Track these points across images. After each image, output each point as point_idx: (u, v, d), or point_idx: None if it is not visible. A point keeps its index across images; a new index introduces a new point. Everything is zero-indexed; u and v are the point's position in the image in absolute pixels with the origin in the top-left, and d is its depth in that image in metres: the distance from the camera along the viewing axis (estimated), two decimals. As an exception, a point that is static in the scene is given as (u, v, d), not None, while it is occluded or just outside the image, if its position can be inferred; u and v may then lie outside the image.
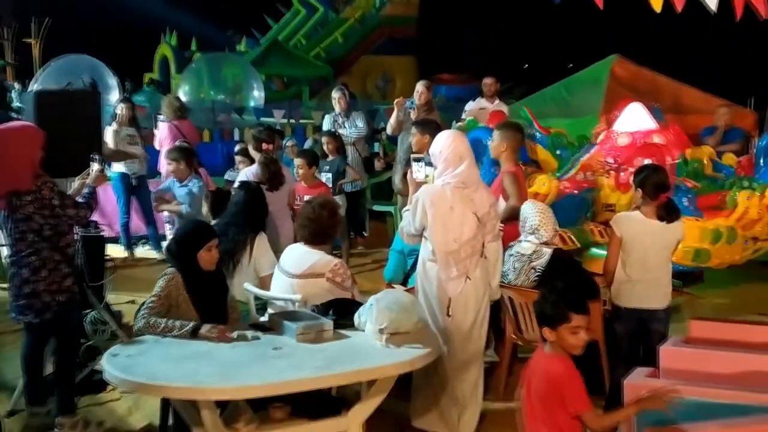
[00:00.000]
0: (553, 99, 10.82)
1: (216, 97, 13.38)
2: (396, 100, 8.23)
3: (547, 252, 4.76)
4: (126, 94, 11.18)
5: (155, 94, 14.48)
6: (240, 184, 5.71)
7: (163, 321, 3.65)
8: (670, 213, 4.34)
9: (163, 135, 9.06)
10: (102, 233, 5.44)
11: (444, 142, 4.25)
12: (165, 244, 6.62)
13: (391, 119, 8.14)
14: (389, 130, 8.31)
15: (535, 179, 6.74)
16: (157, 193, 6.85)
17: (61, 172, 4.58)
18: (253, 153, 6.89)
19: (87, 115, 4.96)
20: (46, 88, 10.11)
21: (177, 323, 3.63)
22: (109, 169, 7.99)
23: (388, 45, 19.05)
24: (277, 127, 11.10)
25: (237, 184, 5.81)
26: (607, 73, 10.55)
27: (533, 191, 6.46)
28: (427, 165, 4.62)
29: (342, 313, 3.88)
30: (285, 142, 8.87)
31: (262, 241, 4.90)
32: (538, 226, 4.79)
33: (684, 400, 3.04)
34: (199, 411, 3.26)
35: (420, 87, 8.11)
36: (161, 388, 3.30)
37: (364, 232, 9.16)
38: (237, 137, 12.01)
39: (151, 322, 3.66)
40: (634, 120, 7.63)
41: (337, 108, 8.91)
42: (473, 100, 9.31)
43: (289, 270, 4.33)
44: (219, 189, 6.29)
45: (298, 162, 6.76)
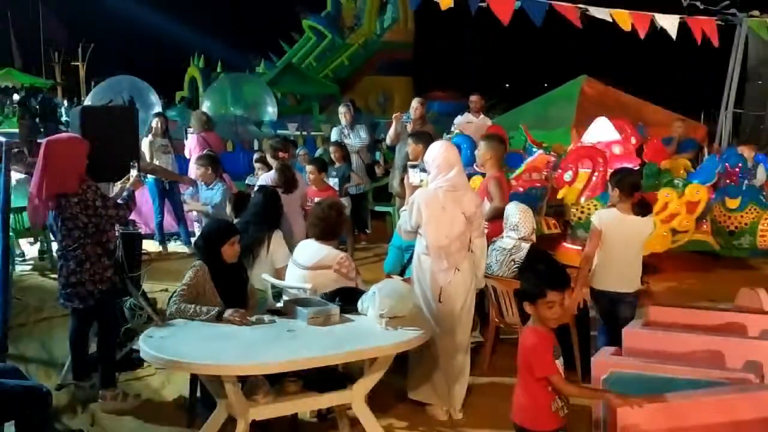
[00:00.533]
0: (530, 114, 10.82)
1: (237, 112, 13.37)
2: (394, 115, 8.21)
3: (525, 246, 4.78)
4: (160, 109, 11.17)
5: (185, 110, 14.47)
6: (259, 187, 5.70)
7: (192, 307, 3.65)
8: (644, 209, 4.38)
9: (192, 145, 9.05)
10: (139, 230, 5.46)
11: (436, 151, 4.24)
12: (193, 240, 6.63)
13: (390, 131, 8.12)
14: (388, 141, 8.29)
15: None
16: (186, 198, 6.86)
17: (103, 177, 4.56)
18: (270, 161, 6.88)
19: (125, 128, 4.94)
20: (90, 104, 10.11)
21: (204, 309, 3.63)
22: (145, 175, 8.00)
23: (387, 67, 19.07)
24: (291, 138, 11.09)
25: (256, 188, 5.81)
26: (578, 92, 10.56)
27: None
28: (421, 171, 4.61)
29: (347, 300, 3.86)
30: (298, 151, 8.83)
31: (277, 238, 4.89)
32: (518, 223, 4.81)
33: (644, 376, 3.04)
34: (223, 385, 3.27)
35: (415, 103, 8.08)
36: (190, 365, 3.31)
37: (366, 230, 9.16)
38: (256, 147, 11.98)
39: (181, 307, 3.66)
40: (600, 132, 7.64)
41: (343, 121, 8.90)
42: (461, 115, 9.27)
43: (301, 262, 4.33)
44: (240, 192, 6.29)
45: (309, 168, 6.76)
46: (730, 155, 7.84)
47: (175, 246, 8.66)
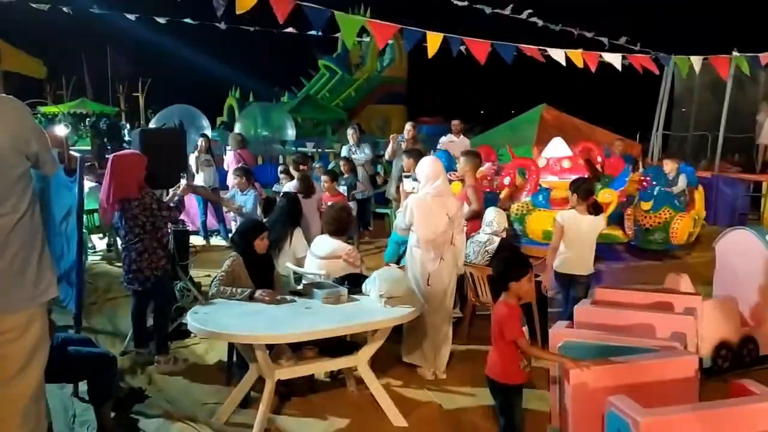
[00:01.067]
0: (501, 134, 10.82)
1: (264, 133, 13.36)
2: (391, 136, 8.24)
3: (497, 240, 4.78)
4: (209, 131, 11.19)
5: (224, 132, 14.46)
6: (283, 194, 5.69)
7: (229, 289, 3.64)
8: (596, 209, 4.38)
9: (229, 160, 9.06)
10: (187, 228, 5.43)
11: (425, 165, 4.24)
12: (230, 236, 6.62)
13: (388, 149, 8.12)
14: (387, 156, 8.28)
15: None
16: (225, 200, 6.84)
17: (159, 185, 4.57)
18: (293, 172, 6.88)
19: (176, 146, 4.95)
20: (148, 127, 10.09)
21: (238, 290, 3.63)
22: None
23: (386, 97, 19.09)
24: (309, 154, 11.09)
25: (281, 194, 5.80)
26: (539, 117, 10.56)
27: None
28: (413, 180, 4.61)
29: (354, 283, 3.87)
30: (315, 165, 8.82)
31: (298, 233, 4.89)
32: (493, 221, 4.84)
33: (592, 344, 3.04)
34: (255, 351, 3.27)
35: (408, 126, 8.09)
36: (228, 335, 3.31)
37: (369, 227, 9.14)
38: (281, 161, 11.99)
39: (221, 289, 3.65)
40: (556, 149, 7.64)
41: (351, 141, 8.89)
42: (445, 136, 9.27)
43: (317, 253, 4.32)
44: (268, 197, 6.28)
45: (324, 178, 6.75)
46: (649, 169, 7.78)
47: (216, 240, 8.64)
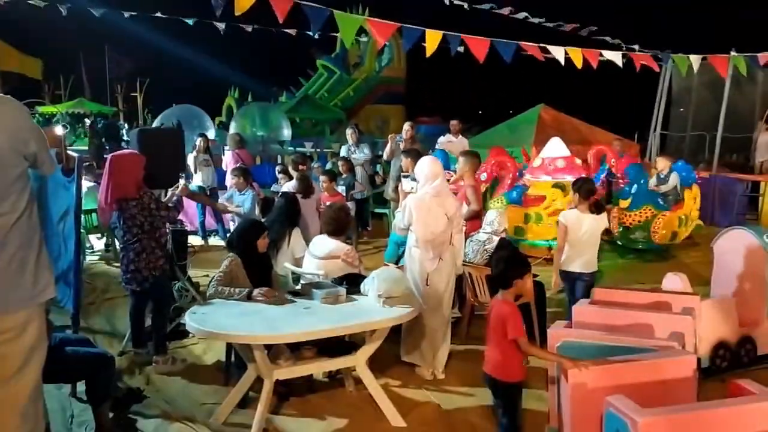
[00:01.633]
0: (499, 134, 10.85)
1: (259, 133, 13.33)
2: (390, 136, 8.24)
3: (496, 239, 4.78)
4: (214, 131, 11.16)
5: (222, 132, 14.43)
6: (281, 194, 5.68)
7: (227, 289, 3.63)
8: (598, 208, 4.40)
9: (228, 159, 9.06)
10: (185, 228, 5.43)
11: (424, 165, 4.23)
12: (228, 239, 6.59)
13: (387, 149, 8.11)
14: (385, 156, 8.28)
15: None
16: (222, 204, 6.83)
17: (157, 185, 4.56)
18: (291, 172, 6.87)
19: (174, 146, 4.94)
20: (146, 127, 10.07)
21: (236, 290, 3.62)
22: (191, 182, 7.99)
23: (384, 97, 19.09)
24: (308, 154, 11.07)
25: (279, 194, 5.79)
26: (537, 117, 10.58)
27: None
28: (412, 180, 4.60)
29: (352, 283, 3.86)
30: (313, 165, 8.82)
31: (296, 233, 4.88)
32: (494, 220, 4.84)
33: (590, 344, 3.04)
34: (253, 351, 3.26)
35: (406, 126, 8.08)
36: (226, 336, 3.30)
37: (367, 227, 9.14)
38: (279, 161, 11.97)
39: (219, 289, 3.64)
40: (554, 149, 7.65)
41: (350, 141, 8.89)
42: (443, 136, 9.27)
43: (316, 253, 4.32)
44: (266, 197, 6.27)
45: (322, 178, 6.74)
46: (627, 168, 7.61)
47: (214, 240, 8.64)
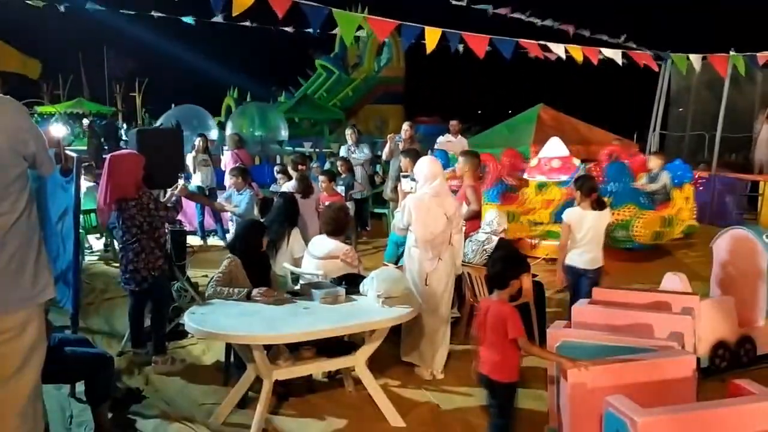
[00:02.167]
0: (498, 134, 10.83)
1: (257, 133, 13.32)
2: (389, 136, 8.22)
3: (495, 239, 4.77)
4: (216, 131, 11.13)
5: (221, 132, 14.42)
6: (280, 194, 5.67)
7: (226, 289, 3.63)
8: (600, 205, 4.41)
9: (227, 159, 9.05)
10: (184, 228, 5.42)
11: (423, 165, 4.23)
12: (228, 237, 6.60)
13: (386, 149, 8.11)
14: (384, 156, 8.28)
15: None
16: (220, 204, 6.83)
17: (156, 185, 4.55)
18: (291, 172, 6.86)
19: (173, 146, 4.94)
20: (144, 127, 10.06)
21: (235, 290, 3.62)
22: (190, 182, 7.98)
23: (383, 97, 19.06)
24: (307, 154, 11.07)
25: (278, 194, 5.79)
26: (536, 117, 10.56)
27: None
28: (411, 180, 4.60)
29: (351, 283, 3.86)
30: (312, 165, 8.82)
31: (295, 233, 4.88)
32: (493, 220, 4.84)
33: (590, 344, 3.04)
34: (252, 351, 3.26)
35: (405, 126, 8.07)
36: (225, 336, 3.29)
37: (367, 227, 9.14)
38: (278, 161, 11.96)
39: (218, 290, 3.64)
40: (553, 149, 7.65)
41: (349, 141, 8.89)
42: (443, 136, 9.27)
43: (315, 253, 4.32)
44: (265, 197, 6.27)
45: (321, 178, 6.73)
46: (608, 165, 7.44)
47: (213, 240, 8.63)
